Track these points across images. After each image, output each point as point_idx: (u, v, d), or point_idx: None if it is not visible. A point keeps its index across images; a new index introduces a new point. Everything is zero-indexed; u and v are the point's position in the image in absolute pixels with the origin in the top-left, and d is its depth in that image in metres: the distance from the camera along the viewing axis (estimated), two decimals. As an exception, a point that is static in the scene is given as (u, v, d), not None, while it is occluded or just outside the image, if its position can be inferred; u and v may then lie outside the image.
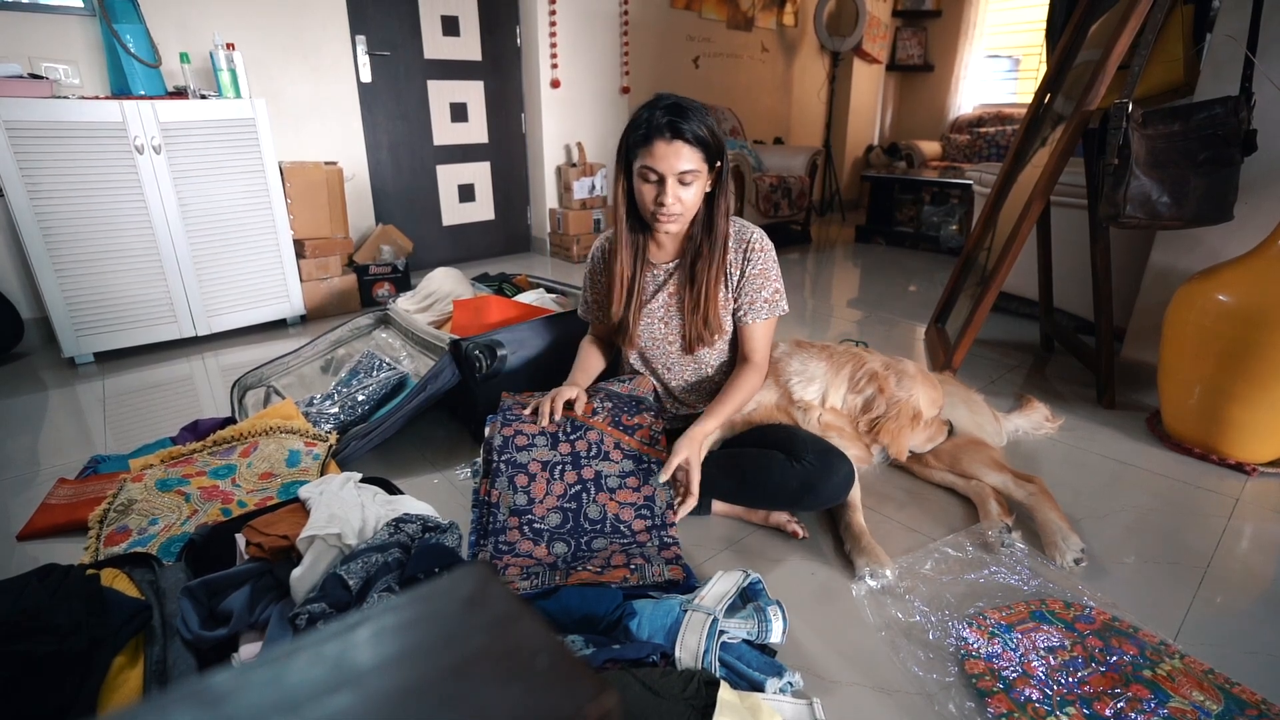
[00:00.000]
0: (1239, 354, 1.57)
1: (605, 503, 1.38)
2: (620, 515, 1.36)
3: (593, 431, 1.43)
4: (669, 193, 1.33)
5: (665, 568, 1.24)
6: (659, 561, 1.26)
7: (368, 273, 3.11)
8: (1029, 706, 0.99)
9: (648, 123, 1.31)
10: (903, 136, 6.41)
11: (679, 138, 1.29)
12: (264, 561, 1.18)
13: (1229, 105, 1.64)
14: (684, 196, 1.35)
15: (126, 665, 1.02)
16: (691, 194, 1.35)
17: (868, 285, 3.67)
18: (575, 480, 1.39)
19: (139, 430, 1.92)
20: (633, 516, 1.36)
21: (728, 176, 1.41)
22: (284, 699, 0.27)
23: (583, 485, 1.39)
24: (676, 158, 1.30)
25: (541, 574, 1.24)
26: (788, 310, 1.53)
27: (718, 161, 1.37)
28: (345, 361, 2.10)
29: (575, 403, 1.46)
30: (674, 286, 1.52)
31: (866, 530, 1.37)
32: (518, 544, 1.32)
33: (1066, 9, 2.51)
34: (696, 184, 1.35)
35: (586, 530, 1.35)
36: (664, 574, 1.22)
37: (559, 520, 1.36)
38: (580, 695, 0.28)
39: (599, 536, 1.34)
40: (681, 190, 1.34)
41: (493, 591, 0.34)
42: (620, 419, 1.46)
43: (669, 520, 1.36)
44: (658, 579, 1.21)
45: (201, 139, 2.48)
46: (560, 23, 3.90)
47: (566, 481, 1.39)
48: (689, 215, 1.40)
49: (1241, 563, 1.35)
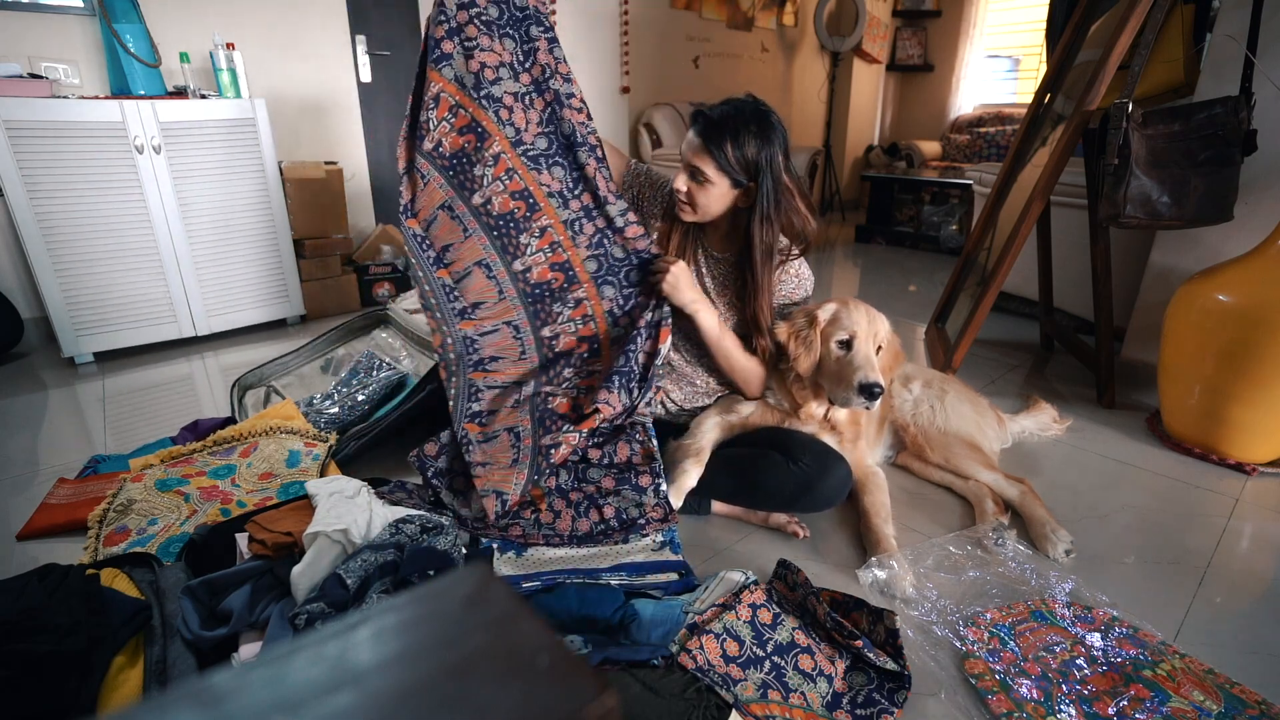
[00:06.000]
0: (1239, 354, 1.57)
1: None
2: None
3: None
4: (680, 177, 1.40)
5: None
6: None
7: (368, 273, 3.11)
8: (1029, 706, 0.99)
9: (701, 112, 1.38)
10: (903, 136, 6.41)
11: (702, 138, 1.35)
12: (265, 560, 1.18)
13: (1229, 105, 1.64)
14: (695, 192, 1.39)
15: (126, 665, 1.02)
16: (705, 196, 1.39)
17: (868, 285, 3.67)
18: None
19: (139, 430, 1.92)
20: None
21: (768, 206, 1.37)
22: (284, 699, 0.27)
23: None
24: (694, 155, 1.37)
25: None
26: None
27: (749, 183, 1.38)
28: (345, 361, 2.10)
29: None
30: (723, 277, 1.55)
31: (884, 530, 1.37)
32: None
33: (1066, 9, 2.52)
34: (710, 189, 1.38)
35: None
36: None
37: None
38: (580, 695, 0.28)
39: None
40: (695, 186, 1.39)
41: (493, 591, 0.34)
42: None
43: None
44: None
45: (201, 139, 2.48)
46: (560, 23, 3.89)
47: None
48: (703, 214, 1.43)
49: (1241, 563, 1.35)
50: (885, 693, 1.01)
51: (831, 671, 1.05)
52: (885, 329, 1.43)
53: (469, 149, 1.44)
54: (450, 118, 1.42)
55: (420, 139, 1.43)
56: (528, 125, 1.44)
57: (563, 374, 1.49)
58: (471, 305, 1.50)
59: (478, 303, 1.50)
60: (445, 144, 1.44)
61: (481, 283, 1.49)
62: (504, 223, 1.47)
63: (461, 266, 1.49)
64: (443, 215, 1.47)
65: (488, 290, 1.50)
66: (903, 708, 0.99)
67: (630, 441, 1.43)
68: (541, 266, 1.49)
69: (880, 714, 0.98)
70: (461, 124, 1.43)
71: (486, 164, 1.43)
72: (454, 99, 1.41)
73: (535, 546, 1.33)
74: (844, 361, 1.37)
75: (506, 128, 1.43)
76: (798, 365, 1.42)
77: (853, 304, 1.43)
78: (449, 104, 1.41)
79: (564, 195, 1.48)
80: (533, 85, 1.44)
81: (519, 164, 1.44)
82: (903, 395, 1.72)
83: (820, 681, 1.03)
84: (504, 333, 1.51)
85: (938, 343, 2.54)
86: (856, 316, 1.39)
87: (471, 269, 1.48)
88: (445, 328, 1.49)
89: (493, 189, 1.44)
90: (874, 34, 5.70)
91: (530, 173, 1.45)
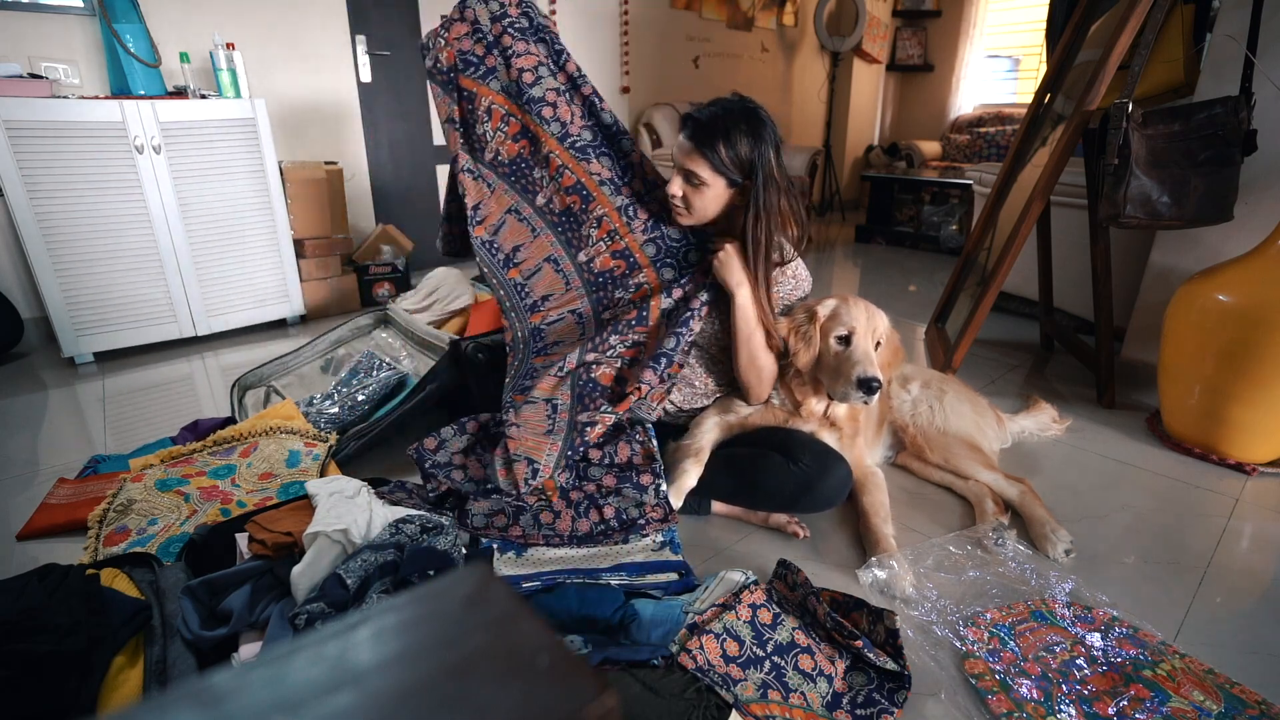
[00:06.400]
0: (1239, 354, 1.57)
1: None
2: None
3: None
4: (675, 180, 1.40)
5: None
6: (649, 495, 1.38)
7: (368, 273, 3.11)
8: (1029, 706, 0.99)
9: (689, 117, 1.38)
10: (903, 136, 6.41)
11: (692, 141, 1.35)
12: (265, 560, 1.18)
13: (1229, 105, 1.64)
14: (691, 195, 1.39)
15: (126, 665, 1.02)
16: (699, 198, 1.39)
17: (868, 285, 3.67)
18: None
19: (139, 430, 1.92)
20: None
21: (764, 202, 1.36)
22: (284, 698, 0.27)
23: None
24: (685, 158, 1.37)
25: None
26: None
27: (744, 181, 1.38)
28: (345, 361, 2.10)
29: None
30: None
31: (883, 530, 1.37)
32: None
33: (1066, 9, 2.52)
34: (705, 191, 1.38)
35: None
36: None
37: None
38: (580, 695, 0.28)
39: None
40: (689, 189, 1.39)
41: (493, 591, 0.34)
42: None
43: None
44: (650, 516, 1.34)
45: (201, 139, 2.48)
46: (560, 23, 3.90)
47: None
48: (698, 216, 1.43)
49: (1241, 563, 1.35)
50: (885, 693, 1.01)
51: (831, 671, 1.05)
52: (885, 325, 1.44)
53: (525, 154, 1.54)
54: (504, 126, 1.53)
55: (480, 151, 1.54)
56: (572, 119, 1.52)
57: (609, 341, 1.50)
58: (541, 298, 1.57)
59: (546, 295, 1.58)
60: (503, 152, 1.54)
61: (550, 277, 1.57)
62: (566, 219, 1.55)
63: (532, 264, 1.57)
64: (510, 219, 1.57)
65: (556, 283, 1.58)
66: (903, 708, 0.99)
67: (630, 442, 1.43)
68: (604, 256, 1.55)
69: (880, 714, 0.98)
70: (514, 131, 1.54)
71: (541, 165, 1.53)
72: (504, 109, 1.52)
73: (535, 546, 1.33)
74: (842, 357, 1.37)
75: (552, 125, 1.51)
76: (797, 360, 1.43)
77: (852, 300, 1.43)
78: (500, 114, 1.52)
79: (615, 183, 1.53)
80: (569, 82, 1.52)
81: (568, 159, 1.51)
82: (902, 395, 1.72)
83: (820, 681, 1.03)
84: (568, 320, 1.57)
85: (938, 343, 2.54)
86: (856, 312, 1.40)
87: (542, 265, 1.57)
88: (518, 323, 1.57)
89: (550, 189, 1.53)
90: (874, 34, 5.70)
91: (580, 164, 1.52)
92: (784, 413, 1.51)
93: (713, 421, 1.52)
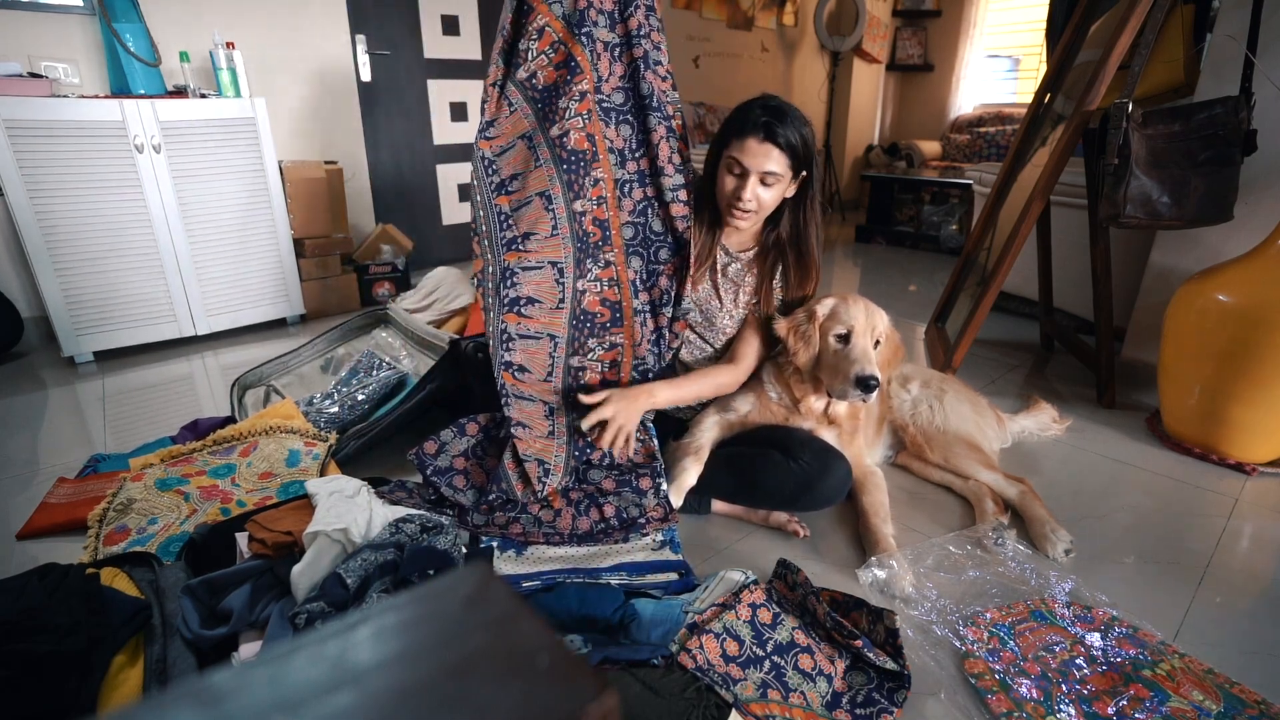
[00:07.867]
0: (1239, 354, 1.57)
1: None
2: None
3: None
4: (749, 189, 1.37)
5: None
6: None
7: (368, 272, 3.11)
8: (1028, 706, 0.99)
9: (746, 118, 1.36)
10: (903, 136, 6.40)
11: (770, 140, 1.34)
12: (265, 559, 1.18)
13: (1229, 105, 1.64)
14: (762, 196, 1.39)
15: (126, 664, 1.02)
16: (770, 195, 1.40)
17: (868, 285, 3.67)
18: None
19: (139, 429, 1.92)
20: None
21: (815, 191, 1.46)
22: (284, 698, 0.27)
23: None
24: (765, 158, 1.35)
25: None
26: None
27: (804, 170, 1.40)
28: (345, 361, 2.10)
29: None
30: (736, 275, 1.55)
31: (883, 530, 1.37)
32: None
33: (1066, 9, 2.52)
34: (777, 187, 1.39)
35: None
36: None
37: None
38: (580, 695, 0.28)
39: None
40: (761, 189, 1.39)
41: (493, 591, 0.34)
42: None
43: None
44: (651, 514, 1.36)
45: (201, 138, 2.48)
46: (560, 22, 3.89)
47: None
48: (763, 214, 1.44)
49: (1241, 563, 1.35)
50: (885, 692, 1.01)
51: (831, 671, 1.05)
52: (884, 324, 1.44)
53: (560, 83, 1.44)
54: (550, 52, 1.43)
55: (515, 66, 1.43)
56: (610, 76, 1.45)
57: (587, 344, 1.50)
58: (522, 235, 1.46)
59: (529, 233, 1.46)
60: (540, 76, 1.44)
61: (538, 213, 1.46)
62: (575, 159, 1.45)
63: (524, 195, 1.47)
64: (520, 144, 1.47)
65: (543, 222, 1.46)
66: (902, 707, 0.99)
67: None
68: (590, 215, 1.49)
69: (880, 713, 0.98)
70: (559, 59, 1.44)
71: (573, 98, 1.43)
72: (558, 35, 1.42)
73: (535, 545, 1.33)
74: (841, 355, 1.38)
75: (595, 70, 1.43)
76: (796, 359, 1.43)
77: (851, 299, 1.44)
78: (552, 38, 1.42)
79: (623, 154, 1.48)
80: (624, 39, 1.44)
81: (595, 110, 1.45)
82: (902, 395, 1.72)
83: (820, 681, 1.03)
84: (547, 272, 1.47)
85: (938, 342, 2.54)
86: (855, 311, 1.40)
87: (532, 198, 1.46)
88: (489, 255, 1.48)
89: (572, 123, 1.44)
90: (874, 34, 5.70)
91: (599, 123, 1.46)
92: (784, 411, 1.51)
93: (712, 420, 1.52)
